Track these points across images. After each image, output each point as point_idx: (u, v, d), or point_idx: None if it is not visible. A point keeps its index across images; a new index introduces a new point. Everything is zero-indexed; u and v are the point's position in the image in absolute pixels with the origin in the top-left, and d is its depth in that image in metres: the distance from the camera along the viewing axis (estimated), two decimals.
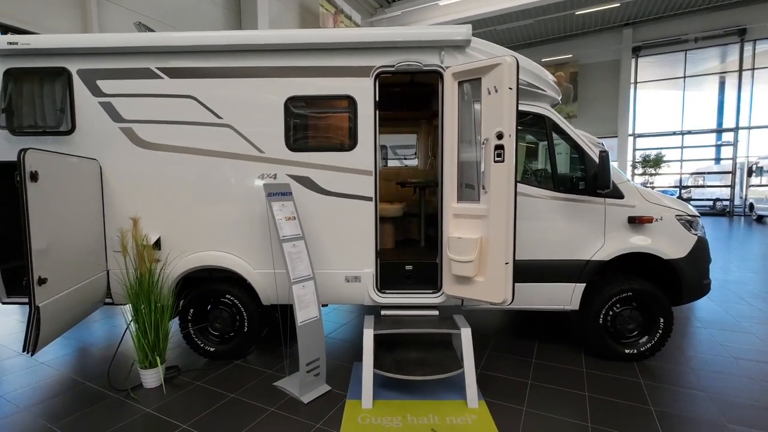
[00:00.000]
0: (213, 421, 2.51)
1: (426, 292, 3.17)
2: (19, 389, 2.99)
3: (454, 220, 2.95)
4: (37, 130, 3.19)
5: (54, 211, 2.60)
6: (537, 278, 3.15)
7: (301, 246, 2.89)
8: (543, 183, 3.36)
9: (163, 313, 2.97)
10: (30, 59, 3.17)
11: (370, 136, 3.07)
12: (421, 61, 3.00)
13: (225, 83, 3.13)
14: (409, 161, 5.27)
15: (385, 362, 2.79)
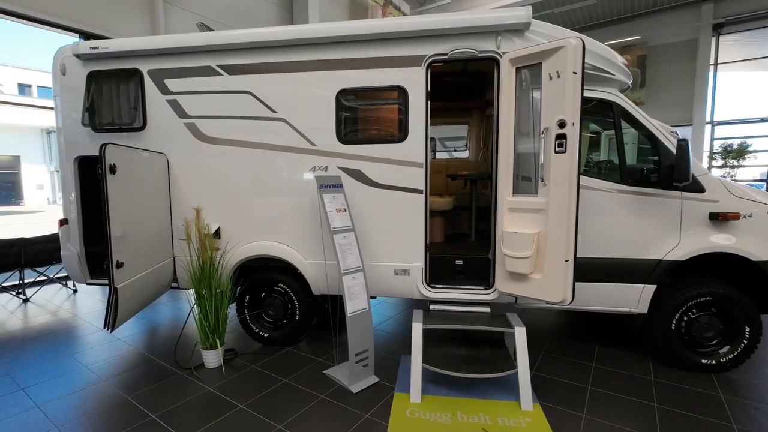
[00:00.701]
0: (268, 404, 2.62)
1: (477, 288, 3.07)
2: (100, 361, 3.31)
3: (509, 214, 2.81)
4: (114, 127, 3.48)
5: (129, 201, 2.83)
6: (600, 277, 2.93)
7: (351, 238, 2.91)
8: (608, 175, 3.10)
9: (222, 298, 3.14)
10: (108, 62, 3.45)
11: (421, 128, 3.01)
12: (475, 47, 2.87)
13: (279, 78, 3.21)
14: (458, 153, 5.13)
15: (434, 357, 2.75)
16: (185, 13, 6.76)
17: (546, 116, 2.56)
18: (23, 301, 4.98)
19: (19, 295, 5.09)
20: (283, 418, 2.45)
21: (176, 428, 2.37)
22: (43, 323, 4.24)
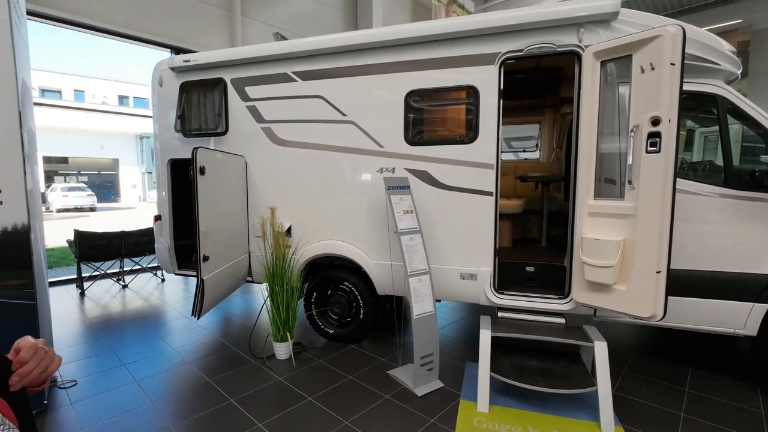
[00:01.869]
0: (334, 399, 2.69)
1: (550, 296, 2.89)
2: (185, 345, 3.64)
3: (590, 219, 2.61)
4: (201, 132, 3.81)
5: (214, 200, 3.07)
6: (698, 293, 2.61)
7: (418, 239, 2.90)
8: (707, 177, 2.76)
9: (292, 293, 3.29)
10: (197, 73, 3.79)
11: (492, 128, 2.91)
12: (554, 42, 2.71)
13: (349, 82, 3.29)
14: (528, 154, 4.89)
15: (503, 366, 2.63)
16: (260, 24, 7.22)
17: (636, 113, 2.34)
18: (122, 287, 5.64)
19: (119, 281, 5.78)
20: (350, 415, 2.50)
21: (252, 413, 2.52)
22: (138, 307, 4.76)
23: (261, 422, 2.43)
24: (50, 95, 24.21)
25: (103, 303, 4.95)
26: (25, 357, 0.61)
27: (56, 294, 5.26)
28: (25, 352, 0.61)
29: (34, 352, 0.61)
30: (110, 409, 2.58)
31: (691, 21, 4.96)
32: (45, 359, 0.63)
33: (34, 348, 0.62)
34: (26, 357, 0.61)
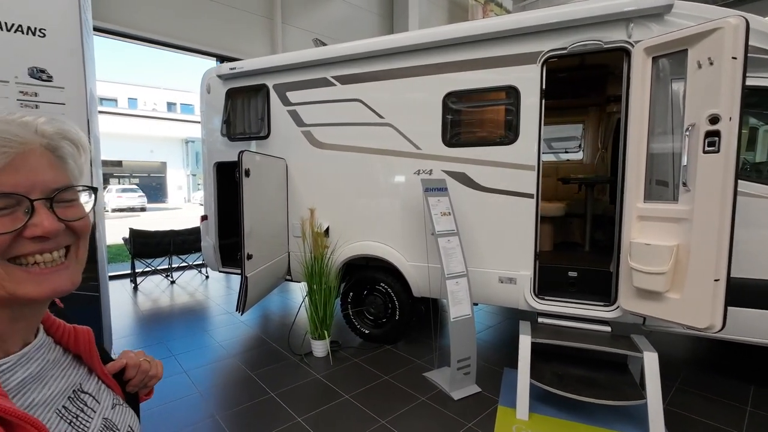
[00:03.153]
0: (371, 398, 2.72)
1: (595, 303, 2.77)
2: (228, 339, 3.81)
3: (639, 222, 2.49)
4: (245, 136, 3.99)
5: (258, 201, 3.20)
6: (762, 304, 2.42)
7: (456, 242, 2.88)
8: None
9: (330, 293, 3.37)
10: (242, 80, 3.97)
11: (533, 128, 2.84)
12: (601, 38, 2.61)
13: (387, 85, 3.33)
14: (571, 155, 4.72)
15: (543, 374, 2.56)
16: (299, 31, 7.44)
17: (692, 111, 2.20)
18: (170, 283, 5.99)
19: (168, 277, 6.13)
20: (386, 414, 2.52)
21: (292, 408, 2.60)
22: (184, 302, 5.04)
23: (300, 417, 2.51)
24: (107, 103, 26.13)
25: (154, 297, 5.28)
26: (130, 375, 0.71)
27: (113, 288, 5.67)
28: (129, 371, 0.71)
29: (136, 371, 0.71)
30: (161, 398, 2.75)
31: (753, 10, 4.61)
32: (150, 370, 0.74)
33: (136, 366, 0.71)
34: (131, 375, 0.71)
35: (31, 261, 0.49)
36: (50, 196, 0.49)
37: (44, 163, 0.50)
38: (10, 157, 0.46)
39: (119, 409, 0.64)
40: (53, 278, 0.50)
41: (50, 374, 0.56)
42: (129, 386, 0.71)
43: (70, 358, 0.62)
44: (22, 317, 0.52)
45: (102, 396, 0.63)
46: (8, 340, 0.51)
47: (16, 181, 0.46)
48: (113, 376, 0.68)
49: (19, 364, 0.52)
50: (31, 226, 0.47)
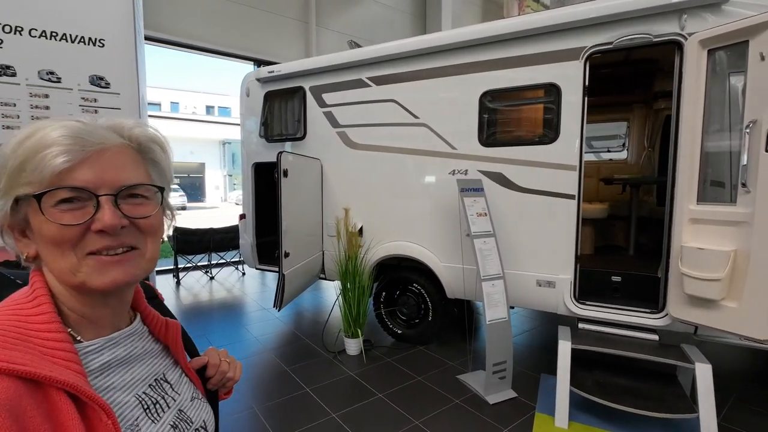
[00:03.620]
0: (404, 398, 2.72)
1: (641, 310, 2.64)
2: (264, 335, 3.93)
3: (692, 225, 2.34)
4: (282, 138, 4.10)
5: (295, 200, 3.29)
6: None
7: (492, 243, 2.83)
8: None
9: (363, 292, 3.40)
10: (279, 83, 4.08)
11: (575, 127, 2.74)
12: (650, 32, 2.48)
13: (422, 85, 3.32)
14: (613, 154, 4.51)
15: (584, 382, 2.46)
16: (333, 33, 7.56)
17: (753, 106, 2.05)
18: (210, 279, 6.25)
19: (207, 273, 6.41)
20: (420, 415, 2.52)
21: (327, 404, 2.65)
22: (222, 298, 5.24)
23: (335, 413, 2.55)
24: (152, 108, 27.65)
25: (194, 292, 5.53)
26: (210, 373, 0.75)
27: (158, 282, 5.98)
28: (210, 370, 0.75)
29: (215, 371, 0.75)
30: None
31: None
32: (228, 372, 0.76)
33: (216, 366, 0.75)
34: (211, 373, 0.75)
35: (103, 253, 0.52)
36: (116, 192, 0.52)
37: (120, 162, 0.53)
38: (86, 155, 0.50)
39: (197, 403, 0.67)
40: (115, 269, 0.52)
41: (137, 360, 0.59)
42: (209, 384, 0.74)
43: (159, 349, 0.66)
44: (105, 304, 0.56)
45: (182, 388, 0.65)
46: (97, 323, 0.55)
47: (87, 177, 0.49)
48: (196, 372, 0.72)
49: (105, 347, 0.55)
50: (95, 221, 0.50)
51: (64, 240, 0.49)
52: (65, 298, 0.53)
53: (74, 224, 0.49)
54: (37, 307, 0.49)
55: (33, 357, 0.43)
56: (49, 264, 0.51)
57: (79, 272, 0.50)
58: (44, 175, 0.47)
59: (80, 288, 0.51)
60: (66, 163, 0.48)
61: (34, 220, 0.49)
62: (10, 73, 2.31)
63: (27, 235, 0.52)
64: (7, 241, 0.52)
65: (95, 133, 0.51)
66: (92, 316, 0.55)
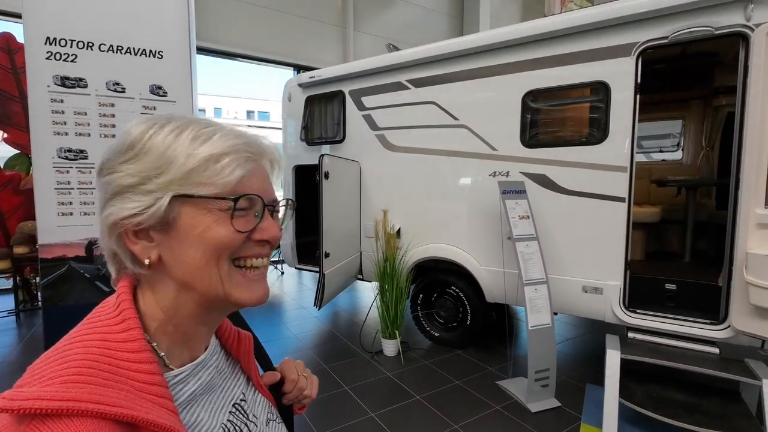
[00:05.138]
0: (443, 401, 2.71)
1: (699, 320, 2.47)
2: (303, 333, 4.04)
3: (759, 231, 2.17)
4: (321, 141, 4.20)
5: (335, 202, 3.36)
6: None
7: (535, 247, 2.75)
8: None
9: (401, 294, 3.41)
10: (319, 87, 4.19)
11: (625, 126, 2.62)
12: (711, 24, 2.32)
13: (462, 86, 3.29)
14: (666, 154, 4.25)
15: (635, 394, 2.34)
16: (371, 37, 7.65)
17: None
18: None
19: None
20: (459, 419, 2.49)
21: (365, 403, 2.68)
22: None
23: (374, 412, 2.57)
24: (199, 113, 29.19)
25: None
26: (287, 389, 0.69)
27: None
28: (288, 385, 0.69)
29: (293, 387, 0.69)
30: None
31: None
32: (306, 389, 0.70)
33: (294, 382, 0.69)
34: (288, 389, 0.69)
35: (249, 264, 0.50)
36: (272, 204, 0.52)
37: (267, 175, 0.53)
38: (254, 163, 0.50)
39: (273, 425, 0.61)
40: (260, 286, 0.51)
41: (218, 384, 0.55)
42: (284, 399, 0.69)
43: (231, 365, 0.60)
44: (214, 321, 0.53)
45: (258, 410, 0.60)
46: (190, 344, 0.51)
47: (256, 186, 0.49)
48: (269, 387, 0.66)
49: (193, 373, 0.51)
50: (260, 230, 0.49)
51: (230, 245, 0.47)
52: (164, 316, 0.48)
53: (244, 231, 0.47)
54: (127, 332, 0.43)
55: (128, 395, 0.39)
56: (189, 271, 0.47)
57: (227, 283, 0.48)
58: (230, 179, 0.46)
59: (217, 300, 0.48)
60: (248, 171, 0.48)
61: (193, 221, 0.46)
62: (83, 84, 2.54)
63: (150, 237, 0.47)
64: (117, 244, 0.47)
65: (257, 143, 0.51)
66: (194, 335, 0.51)
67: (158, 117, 0.48)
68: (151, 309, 0.48)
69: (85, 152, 2.58)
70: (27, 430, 0.34)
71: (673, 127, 4.14)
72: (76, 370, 0.38)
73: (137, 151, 0.46)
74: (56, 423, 0.34)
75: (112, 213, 0.46)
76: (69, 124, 2.53)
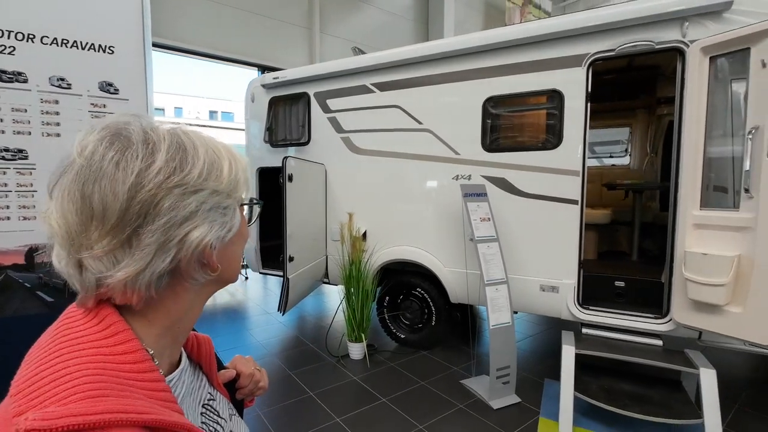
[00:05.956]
0: (408, 402, 2.73)
1: (645, 315, 2.64)
2: (268, 339, 3.94)
3: (695, 231, 2.35)
4: (286, 143, 4.13)
5: (299, 205, 3.31)
6: None
7: (496, 248, 2.84)
8: None
9: (367, 296, 3.41)
10: (284, 89, 4.12)
11: (577, 133, 2.76)
12: (652, 39, 2.51)
13: (426, 91, 3.35)
14: (616, 160, 4.52)
15: (588, 387, 2.46)
16: (337, 39, 7.63)
17: (755, 113, 2.07)
18: None
19: None
20: (424, 420, 2.52)
21: (330, 408, 2.65)
22: (226, 302, 5.26)
23: (339, 417, 2.55)
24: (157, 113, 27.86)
25: None
26: (243, 383, 0.71)
27: None
28: (244, 380, 0.71)
29: (249, 381, 0.71)
30: None
31: None
32: (260, 381, 0.73)
33: (250, 377, 0.72)
34: (244, 383, 0.71)
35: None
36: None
37: None
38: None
39: (236, 420, 0.64)
40: None
41: (192, 387, 0.56)
42: (239, 394, 0.71)
43: (193, 367, 0.60)
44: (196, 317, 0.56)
45: (221, 407, 0.62)
46: (179, 346, 0.53)
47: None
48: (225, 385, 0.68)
49: (181, 377, 0.52)
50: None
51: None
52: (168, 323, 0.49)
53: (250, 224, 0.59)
54: (123, 344, 0.43)
55: (145, 402, 0.40)
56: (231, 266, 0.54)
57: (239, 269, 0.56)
58: (249, 186, 0.55)
59: (228, 283, 0.55)
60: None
61: (243, 224, 0.54)
62: (22, 79, 2.36)
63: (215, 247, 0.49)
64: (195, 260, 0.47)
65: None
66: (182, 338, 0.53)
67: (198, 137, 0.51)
68: (146, 322, 0.47)
69: (24, 152, 2.38)
70: None
71: (621, 134, 4.42)
72: (89, 386, 0.37)
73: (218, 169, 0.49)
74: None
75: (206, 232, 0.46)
76: (6, 121, 2.33)
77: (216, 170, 0.48)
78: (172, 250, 0.43)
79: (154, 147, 0.44)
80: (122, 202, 0.41)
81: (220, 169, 0.48)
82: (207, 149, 0.49)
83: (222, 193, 0.48)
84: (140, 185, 0.41)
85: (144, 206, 0.41)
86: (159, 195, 0.42)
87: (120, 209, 0.41)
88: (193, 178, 0.45)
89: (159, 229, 0.42)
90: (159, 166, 0.43)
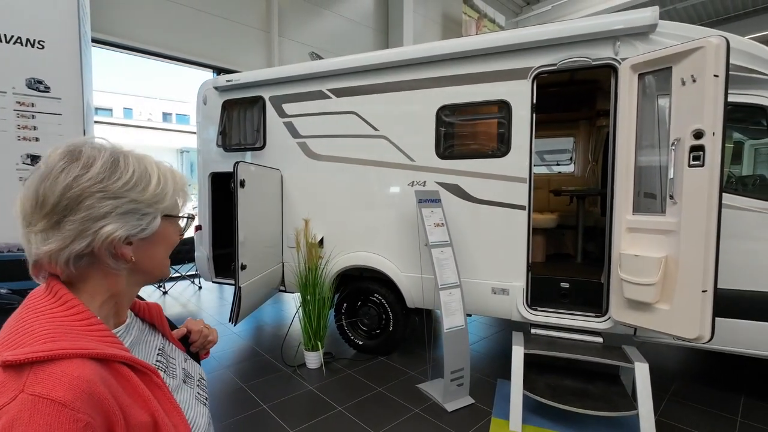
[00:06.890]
0: (364, 410, 2.70)
1: (587, 314, 2.80)
2: (220, 351, 3.77)
3: (629, 234, 2.53)
4: (240, 147, 4.01)
5: (252, 211, 3.21)
6: (750, 314, 2.46)
7: (449, 253, 2.90)
8: (758, 192, 2.62)
9: (324, 304, 3.36)
10: (238, 92, 4.01)
11: (524, 142, 2.90)
12: (589, 55, 2.69)
13: (382, 98, 3.38)
14: (562, 167, 4.79)
15: (536, 385, 2.56)
16: (296, 44, 7.55)
17: (677, 126, 2.27)
18: (163, 293, 5.93)
19: (160, 287, 6.07)
20: (379, 427, 2.50)
21: (284, 420, 2.57)
22: (177, 313, 4.99)
23: (292, 429, 2.48)
24: (103, 113, 26.10)
25: None
26: (194, 338, 0.88)
27: None
28: (194, 335, 0.89)
29: (198, 336, 0.89)
30: None
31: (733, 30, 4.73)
32: (209, 336, 0.91)
33: (198, 332, 0.89)
34: (195, 338, 0.88)
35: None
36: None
37: None
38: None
39: (189, 362, 0.83)
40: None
41: (143, 338, 0.73)
42: (192, 347, 0.88)
43: (148, 327, 0.78)
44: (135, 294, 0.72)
45: (175, 354, 0.80)
46: (123, 312, 0.69)
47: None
48: (179, 340, 0.86)
49: (126, 331, 0.69)
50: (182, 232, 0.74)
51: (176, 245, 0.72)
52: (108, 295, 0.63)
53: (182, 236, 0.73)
54: (73, 309, 0.57)
55: (96, 342, 0.54)
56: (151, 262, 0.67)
57: (165, 267, 0.70)
58: (184, 202, 0.71)
59: (155, 278, 0.71)
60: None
61: (167, 231, 0.68)
62: None
63: (131, 243, 0.62)
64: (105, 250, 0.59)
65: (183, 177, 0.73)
66: (124, 306, 0.69)
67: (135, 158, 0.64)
68: (88, 295, 0.61)
69: None
70: (31, 376, 0.47)
71: (567, 144, 4.70)
72: (48, 335, 0.51)
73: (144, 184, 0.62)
74: (54, 365, 0.48)
75: (116, 229, 0.58)
76: None
77: (142, 184, 0.62)
78: (87, 238, 0.57)
79: (94, 161, 0.58)
80: (56, 197, 0.55)
81: (146, 184, 0.62)
82: (138, 168, 0.62)
83: (142, 202, 0.61)
84: (71, 187, 0.56)
85: (71, 202, 0.56)
86: (83, 195, 0.56)
87: (53, 202, 0.55)
88: (117, 187, 0.59)
89: (78, 219, 0.56)
90: (91, 175, 0.57)
